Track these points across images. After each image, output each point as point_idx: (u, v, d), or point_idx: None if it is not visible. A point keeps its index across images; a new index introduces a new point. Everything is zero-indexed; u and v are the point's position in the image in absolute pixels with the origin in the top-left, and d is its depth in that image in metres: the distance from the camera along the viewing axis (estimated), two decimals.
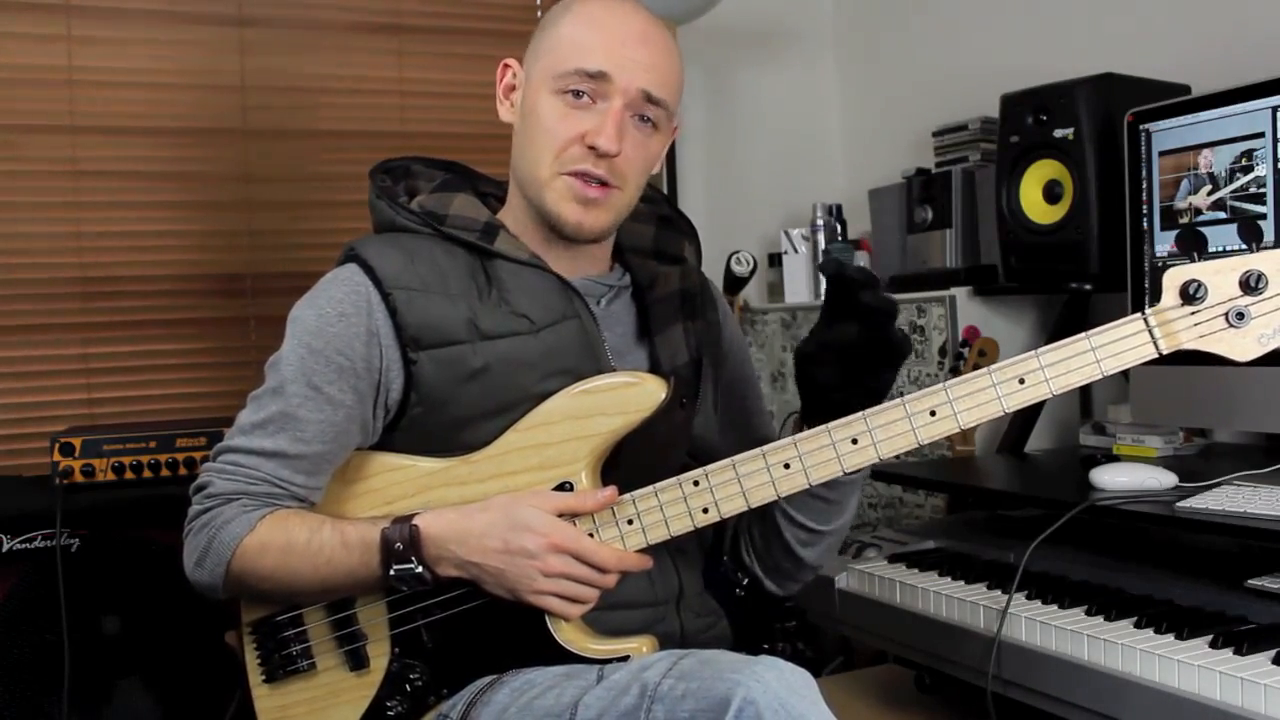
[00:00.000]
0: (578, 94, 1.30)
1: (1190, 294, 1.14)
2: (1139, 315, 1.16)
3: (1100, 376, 1.16)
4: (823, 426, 1.22)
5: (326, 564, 1.25)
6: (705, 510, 1.25)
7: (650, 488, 1.26)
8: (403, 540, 1.22)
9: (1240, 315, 1.14)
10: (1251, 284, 1.14)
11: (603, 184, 1.32)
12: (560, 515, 1.24)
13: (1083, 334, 1.17)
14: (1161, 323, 1.16)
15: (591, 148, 1.30)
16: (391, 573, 1.23)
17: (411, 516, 1.24)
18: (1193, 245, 1.17)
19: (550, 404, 1.29)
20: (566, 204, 1.32)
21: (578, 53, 1.30)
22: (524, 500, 1.24)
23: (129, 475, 2.04)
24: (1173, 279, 1.16)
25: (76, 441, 2.02)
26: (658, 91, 1.32)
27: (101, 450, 2.03)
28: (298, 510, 1.29)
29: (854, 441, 1.21)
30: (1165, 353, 1.16)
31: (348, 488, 1.33)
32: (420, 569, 1.23)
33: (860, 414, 1.21)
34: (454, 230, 1.34)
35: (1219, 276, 1.14)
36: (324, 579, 1.26)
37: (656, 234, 1.48)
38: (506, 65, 1.39)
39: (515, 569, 1.22)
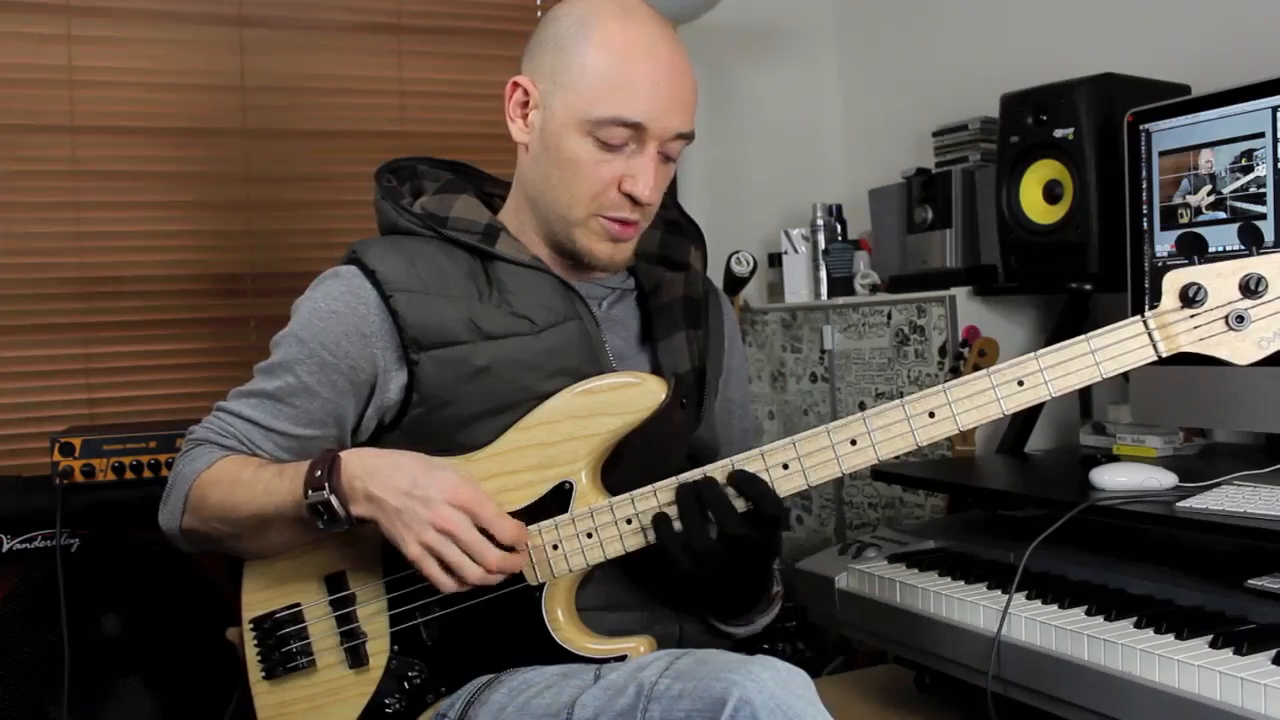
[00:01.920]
0: (611, 143, 1.29)
1: (1190, 297, 1.14)
2: (1138, 318, 1.16)
3: (1099, 379, 1.16)
4: (822, 428, 1.22)
5: (263, 492, 1.27)
6: None
7: (649, 488, 1.25)
8: (322, 467, 1.23)
9: (1240, 318, 1.14)
10: (1251, 287, 1.13)
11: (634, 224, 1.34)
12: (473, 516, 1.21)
13: (1082, 336, 1.17)
14: (1161, 325, 1.15)
15: (628, 195, 1.30)
16: (307, 498, 1.22)
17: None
18: (1193, 248, 1.17)
19: (551, 403, 1.29)
20: (600, 243, 1.34)
21: (612, 99, 1.28)
22: (451, 462, 1.25)
23: (129, 475, 2.04)
24: (1172, 282, 1.15)
25: (76, 441, 2.02)
26: (687, 128, 1.34)
27: (101, 450, 2.03)
28: (258, 457, 1.33)
29: (853, 443, 1.21)
30: (1165, 356, 1.16)
31: None
32: (330, 495, 1.21)
33: (859, 415, 1.21)
34: (454, 233, 1.35)
35: (1219, 279, 1.14)
36: (260, 508, 1.27)
37: (663, 239, 1.48)
38: (516, 84, 1.35)
39: (410, 513, 1.20)
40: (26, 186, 2.41)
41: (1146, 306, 1.78)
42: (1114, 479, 1.61)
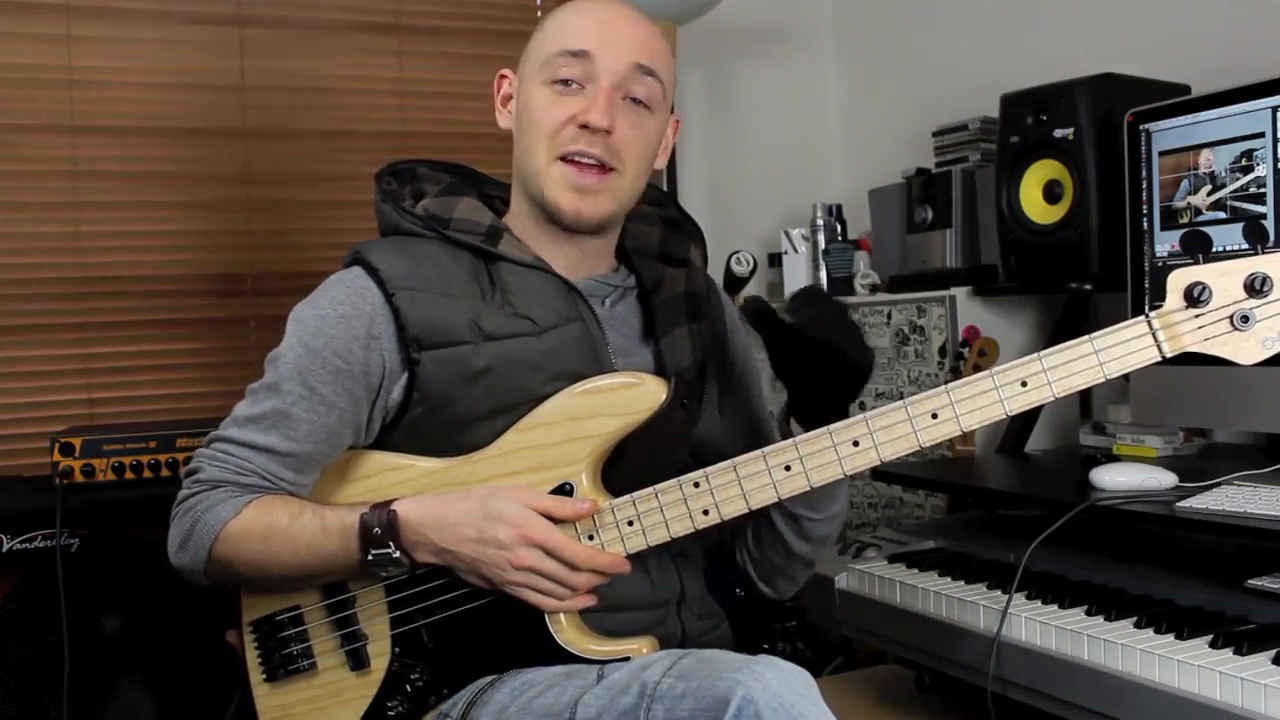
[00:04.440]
0: (566, 82, 1.32)
1: (1194, 296, 1.14)
2: (1142, 318, 1.15)
3: (1103, 380, 1.16)
4: (824, 429, 1.22)
5: (307, 548, 1.25)
6: (706, 512, 1.25)
7: (650, 489, 1.26)
8: (381, 525, 1.23)
9: (1245, 318, 1.13)
10: (1256, 287, 1.13)
11: (600, 167, 1.33)
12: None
13: (1086, 336, 1.16)
14: (1165, 325, 1.15)
15: (584, 126, 1.31)
16: (369, 557, 1.24)
17: (390, 502, 1.25)
18: (1197, 247, 1.17)
19: (550, 404, 1.29)
20: (563, 192, 1.33)
21: (560, 36, 1.34)
22: (502, 492, 1.25)
23: (129, 475, 2.04)
24: (1177, 281, 1.15)
25: (76, 441, 2.02)
26: (647, 61, 1.33)
27: (101, 450, 2.03)
28: (282, 496, 1.29)
29: (855, 444, 1.21)
30: (1169, 356, 1.15)
31: (346, 486, 1.33)
32: (397, 554, 1.24)
33: (861, 416, 1.21)
34: (458, 234, 1.35)
35: (1224, 279, 1.14)
36: (304, 563, 1.27)
37: (662, 236, 1.48)
38: (503, 75, 1.42)
39: (487, 559, 1.23)
40: (26, 186, 2.41)
41: (1148, 306, 1.79)
42: (1114, 479, 1.61)
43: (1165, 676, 1.24)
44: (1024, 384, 1.17)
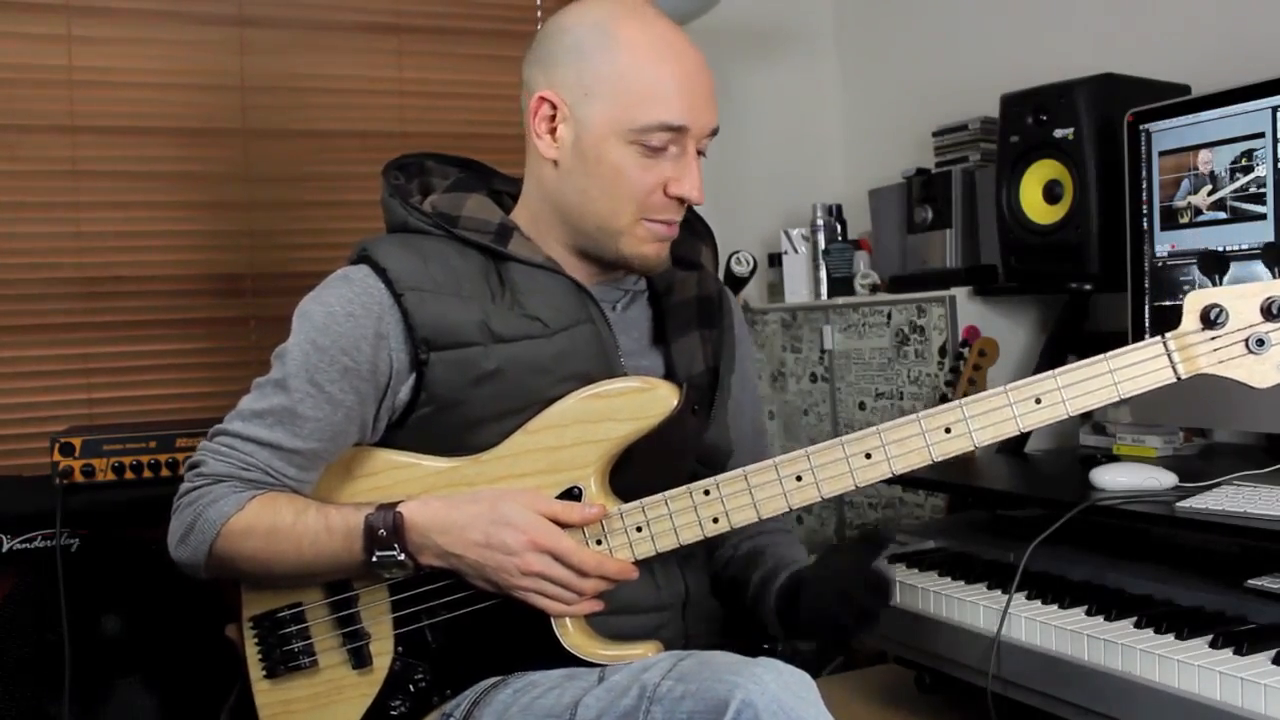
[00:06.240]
0: (656, 147, 1.29)
1: (1211, 319, 1.14)
2: (1159, 339, 1.16)
3: (1118, 399, 1.16)
4: (836, 440, 1.22)
5: (310, 547, 1.25)
6: (715, 520, 1.25)
7: (660, 496, 1.25)
8: (386, 527, 1.22)
9: (1260, 341, 1.13)
10: (1273, 310, 1.13)
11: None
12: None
13: (1101, 356, 1.17)
14: (1181, 347, 1.15)
15: (676, 197, 1.31)
16: (374, 559, 1.23)
17: (396, 503, 1.25)
18: (1214, 268, 1.17)
19: (560, 407, 1.28)
20: (648, 246, 1.34)
21: (653, 104, 1.27)
22: (511, 496, 1.24)
23: (129, 475, 2.04)
24: (1194, 303, 1.15)
25: (76, 441, 2.02)
26: (717, 122, 1.34)
27: (101, 450, 2.03)
28: (286, 493, 1.29)
29: (867, 456, 1.21)
30: (1184, 378, 1.15)
31: (353, 483, 1.33)
32: (402, 556, 1.23)
33: (874, 428, 1.21)
34: (467, 232, 1.34)
35: (1241, 301, 1.14)
36: (307, 562, 1.26)
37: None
38: (543, 99, 1.31)
39: (495, 563, 1.22)
40: (26, 186, 2.41)
41: (1148, 307, 1.79)
42: (1114, 479, 1.61)
43: (1165, 676, 1.24)
44: (1038, 400, 1.18)
